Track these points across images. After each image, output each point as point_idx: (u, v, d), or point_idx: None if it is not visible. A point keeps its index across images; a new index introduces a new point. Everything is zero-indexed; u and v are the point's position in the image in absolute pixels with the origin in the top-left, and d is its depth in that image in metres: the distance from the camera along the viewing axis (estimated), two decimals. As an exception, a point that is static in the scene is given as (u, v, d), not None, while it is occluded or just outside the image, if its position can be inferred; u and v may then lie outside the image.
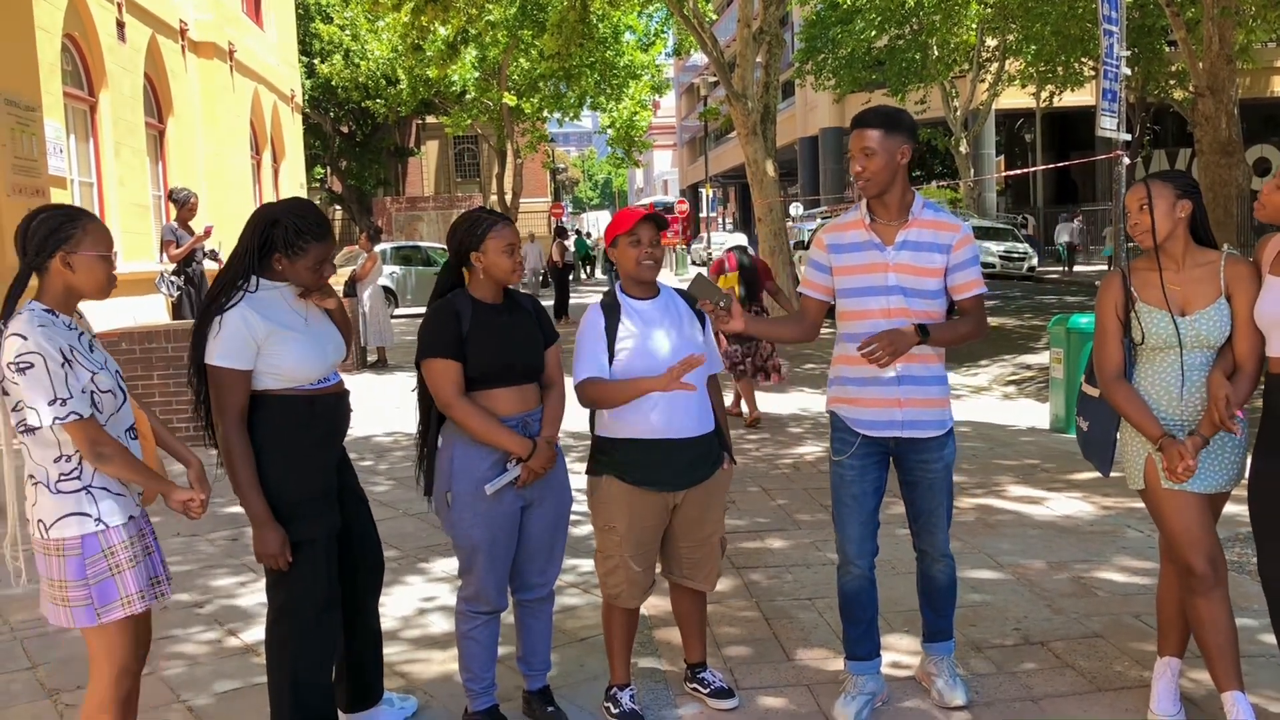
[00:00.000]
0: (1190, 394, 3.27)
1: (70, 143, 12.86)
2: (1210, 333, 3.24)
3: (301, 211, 3.21)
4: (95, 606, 2.80)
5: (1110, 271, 3.62)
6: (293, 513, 3.13)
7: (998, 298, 22.27)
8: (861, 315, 3.46)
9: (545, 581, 3.57)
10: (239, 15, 19.24)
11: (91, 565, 2.79)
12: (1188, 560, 3.26)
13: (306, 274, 3.20)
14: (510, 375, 3.36)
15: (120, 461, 2.80)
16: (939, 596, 3.66)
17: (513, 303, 3.48)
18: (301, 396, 3.18)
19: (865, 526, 3.52)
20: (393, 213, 30.45)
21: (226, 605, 4.84)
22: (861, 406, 3.49)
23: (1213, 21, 12.67)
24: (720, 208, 66.82)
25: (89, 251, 2.82)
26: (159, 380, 8.43)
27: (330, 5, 32.92)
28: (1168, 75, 25.96)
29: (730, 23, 32.55)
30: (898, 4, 27.17)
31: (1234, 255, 3.29)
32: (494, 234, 3.34)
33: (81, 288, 2.84)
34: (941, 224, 3.46)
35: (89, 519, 2.80)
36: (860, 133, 3.39)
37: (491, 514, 3.33)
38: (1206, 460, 3.27)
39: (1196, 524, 3.26)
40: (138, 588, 2.86)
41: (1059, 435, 8.41)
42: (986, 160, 35.12)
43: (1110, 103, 9.96)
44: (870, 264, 3.44)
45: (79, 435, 2.74)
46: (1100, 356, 3.40)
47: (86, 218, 2.85)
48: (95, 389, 2.80)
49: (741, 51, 16.79)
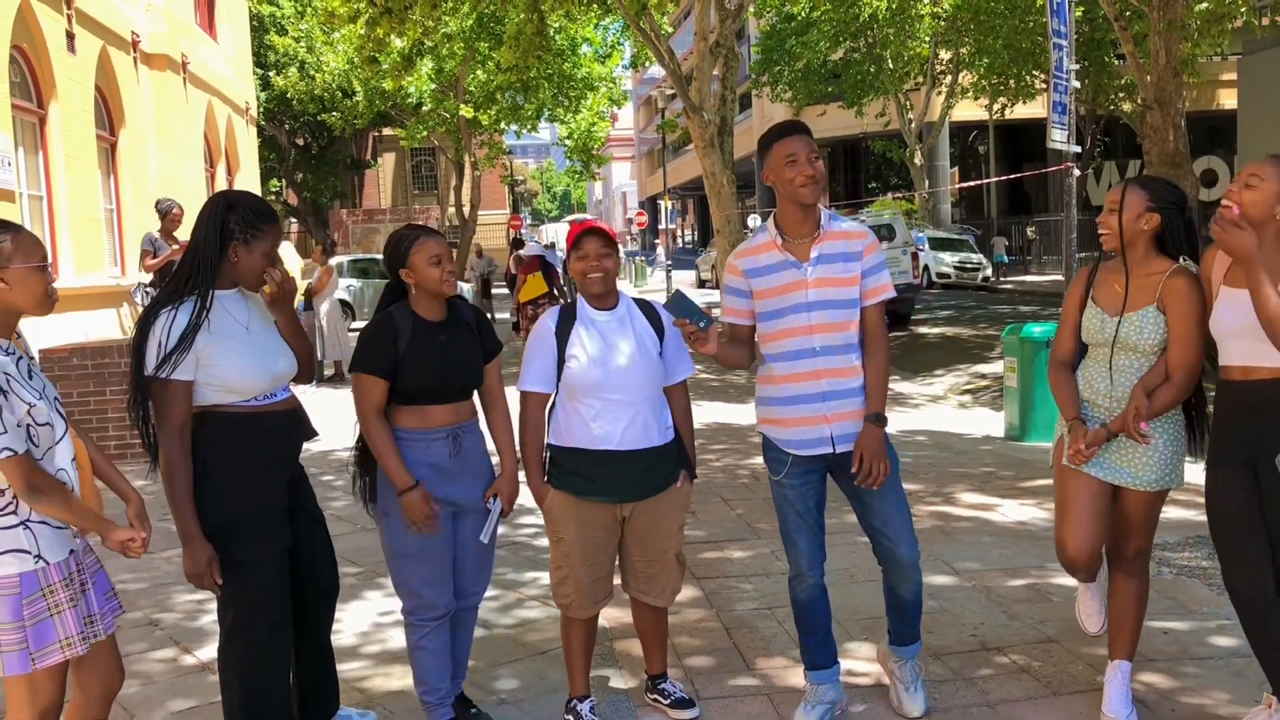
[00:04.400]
0: (1116, 393, 3.42)
1: (19, 156, 12.67)
2: (1130, 336, 3.36)
3: (252, 196, 3.26)
4: (30, 650, 2.61)
5: (1081, 268, 3.77)
6: (239, 532, 3.08)
7: (953, 308, 22.51)
8: (786, 334, 3.42)
9: (475, 590, 3.59)
10: (192, 27, 19.05)
11: (30, 605, 2.60)
12: (1060, 534, 3.49)
13: (260, 260, 3.16)
14: (445, 393, 3.39)
15: (56, 500, 2.62)
16: (906, 609, 3.61)
17: (454, 318, 3.47)
18: (247, 414, 3.13)
19: (813, 538, 3.51)
20: (349, 225, 30.24)
21: (181, 624, 4.77)
22: (790, 426, 3.45)
23: (1159, 35, 12.91)
24: (679, 219, 67.10)
25: (21, 264, 2.64)
26: (112, 396, 8.30)
27: (285, 17, 32.69)
28: (1117, 88, 26.43)
29: (687, 35, 32.72)
30: (852, 17, 27.49)
31: (1180, 268, 3.35)
32: (417, 247, 3.34)
33: (19, 304, 2.66)
34: (849, 233, 3.45)
35: (28, 556, 2.62)
36: (804, 138, 3.38)
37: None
38: (1114, 452, 3.43)
39: (1081, 505, 3.43)
40: (78, 629, 2.69)
41: (1014, 443, 8.52)
42: (941, 172, 35.52)
43: (1060, 115, 10.13)
44: (789, 284, 3.40)
45: (11, 472, 2.55)
46: (1054, 343, 3.66)
47: (13, 229, 2.67)
48: (32, 422, 2.62)
49: (698, 65, 16.88)
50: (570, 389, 3.46)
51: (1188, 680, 3.85)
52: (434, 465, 3.36)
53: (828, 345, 3.39)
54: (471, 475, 3.45)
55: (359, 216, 32.06)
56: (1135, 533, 3.52)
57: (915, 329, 18.66)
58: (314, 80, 31.88)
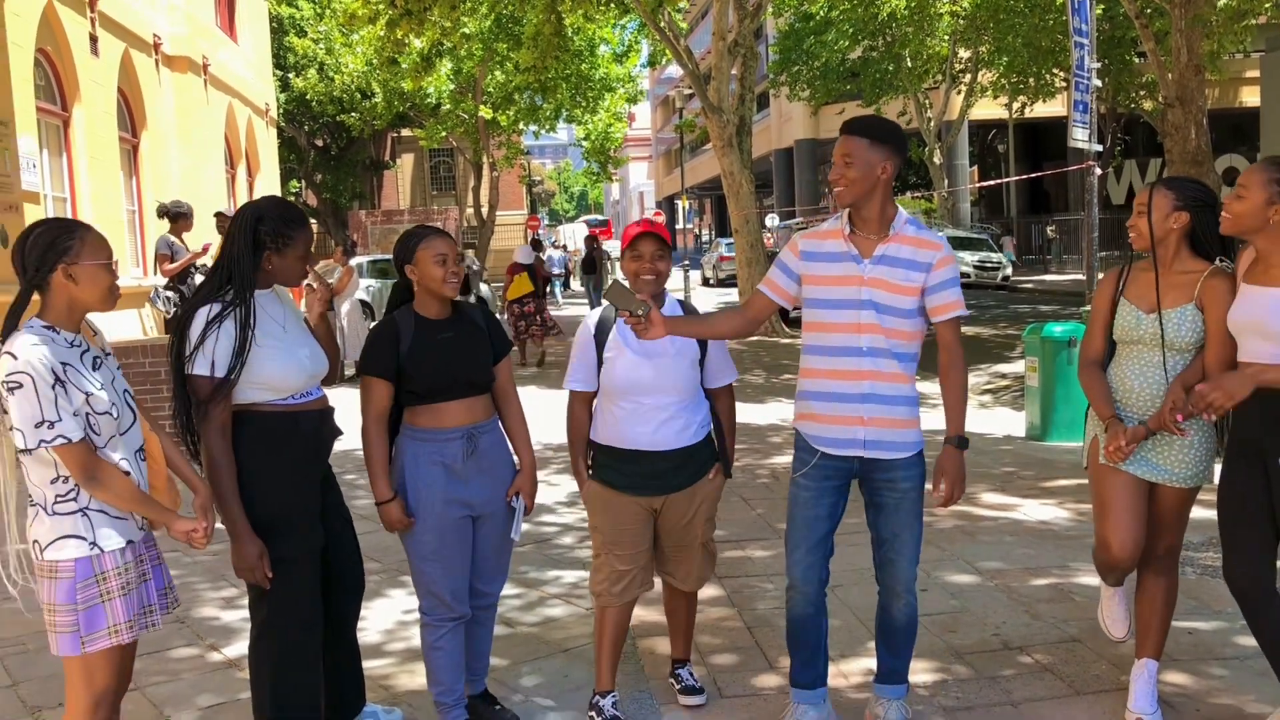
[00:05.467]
0: (1144, 388, 3.42)
1: (43, 158, 12.79)
2: (1169, 332, 3.35)
3: (281, 204, 3.30)
4: (81, 634, 2.72)
5: (1111, 268, 3.76)
6: (274, 530, 3.13)
7: (973, 307, 22.45)
8: (831, 329, 3.33)
9: (492, 590, 3.65)
10: (213, 29, 19.18)
11: (83, 590, 2.71)
12: (1102, 534, 3.48)
13: (297, 264, 3.23)
14: (454, 389, 3.42)
15: (115, 487, 2.72)
16: (897, 635, 3.47)
17: (460, 317, 3.49)
18: (285, 413, 3.19)
19: (813, 552, 3.40)
20: (368, 226, 30.32)
21: (208, 621, 4.82)
22: (823, 423, 3.36)
23: (1181, 33, 12.82)
24: (696, 219, 67.07)
25: (89, 261, 2.75)
26: (138, 395, 8.37)
27: (305, 19, 32.82)
28: (1138, 86, 26.26)
29: (705, 35, 32.69)
30: (871, 15, 27.39)
31: (1218, 269, 3.36)
32: (424, 245, 3.39)
33: (85, 299, 2.77)
34: (923, 242, 3.30)
35: (84, 542, 2.72)
36: (845, 139, 3.26)
37: (442, 525, 3.41)
38: (1150, 449, 3.42)
39: (1120, 503, 3.43)
40: (127, 617, 2.77)
41: (1035, 443, 8.49)
42: (960, 171, 35.37)
43: (1082, 114, 10.09)
44: (844, 276, 3.30)
45: (69, 459, 2.66)
46: (1084, 343, 3.66)
47: (83, 228, 2.80)
48: (90, 410, 2.72)
49: (716, 64, 16.88)
50: (605, 389, 3.57)
51: (1213, 680, 3.84)
52: (447, 466, 3.40)
53: (874, 348, 3.27)
54: (488, 477, 3.48)
55: (378, 217, 32.14)
56: (1167, 530, 3.52)
57: (934, 328, 18.58)
58: (333, 81, 32.00)
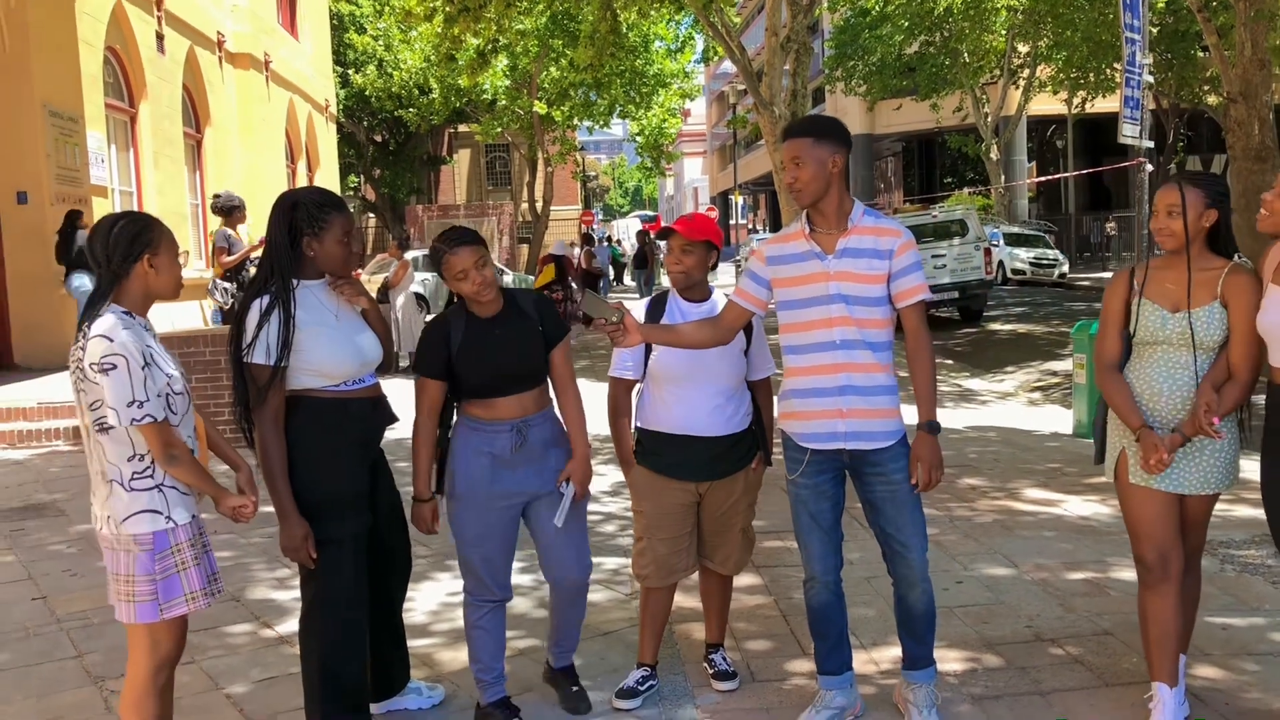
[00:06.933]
0: (1174, 390, 3.34)
1: (111, 152, 13.17)
2: (1197, 331, 3.30)
3: (315, 190, 3.45)
4: (160, 602, 2.92)
5: (1122, 267, 3.74)
6: (322, 512, 3.27)
7: (1028, 304, 22.22)
8: (805, 326, 3.41)
9: (572, 572, 3.66)
10: (275, 27, 19.56)
11: (160, 561, 2.91)
12: (1139, 551, 3.43)
13: (337, 247, 3.33)
14: (506, 385, 3.52)
15: (188, 465, 2.93)
16: (918, 623, 3.51)
17: (510, 311, 3.55)
18: (336, 399, 3.33)
19: (826, 542, 3.49)
20: (425, 220, 30.69)
21: (262, 600, 5.01)
22: (805, 420, 3.44)
23: (1245, 26, 12.59)
24: (750, 214, 66.89)
25: (168, 253, 2.99)
26: (197, 384, 8.64)
27: (364, 16, 33.29)
28: (1201, 80, 25.78)
29: (759, 31, 32.65)
30: (927, 10, 27.20)
31: (1238, 265, 3.34)
32: (444, 265, 3.43)
33: (160, 289, 3.00)
34: (883, 230, 3.38)
35: (160, 516, 2.91)
36: (790, 142, 3.36)
37: (485, 513, 3.53)
38: (1180, 461, 3.35)
39: (1154, 519, 3.37)
40: (201, 585, 2.99)
41: (1081, 440, 8.45)
42: (1018, 166, 34.98)
43: (1133, 110, 9.99)
44: (811, 274, 3.38)
45: (153, 437, 2.86)
46: (1099, 346, 3.53)
47: (158, 223, 3.03)
48: (170, 391, 2.93)
49: (769, 60, 16.89)
50: (654, 375, 3.71)
51: (1244, 676, 3.86)
52: (496, 456, 3.52)
53: (847, 339, 3.35)
54: (536, 466, 3.58)
55: (434, 212, 32.51)
56: (1194, 531, 3.52)
57: (987, 325, 18.47)
58: (391, 78, 32.43)
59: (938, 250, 17.60)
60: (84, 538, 6.08)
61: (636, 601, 4.54)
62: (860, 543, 5.06)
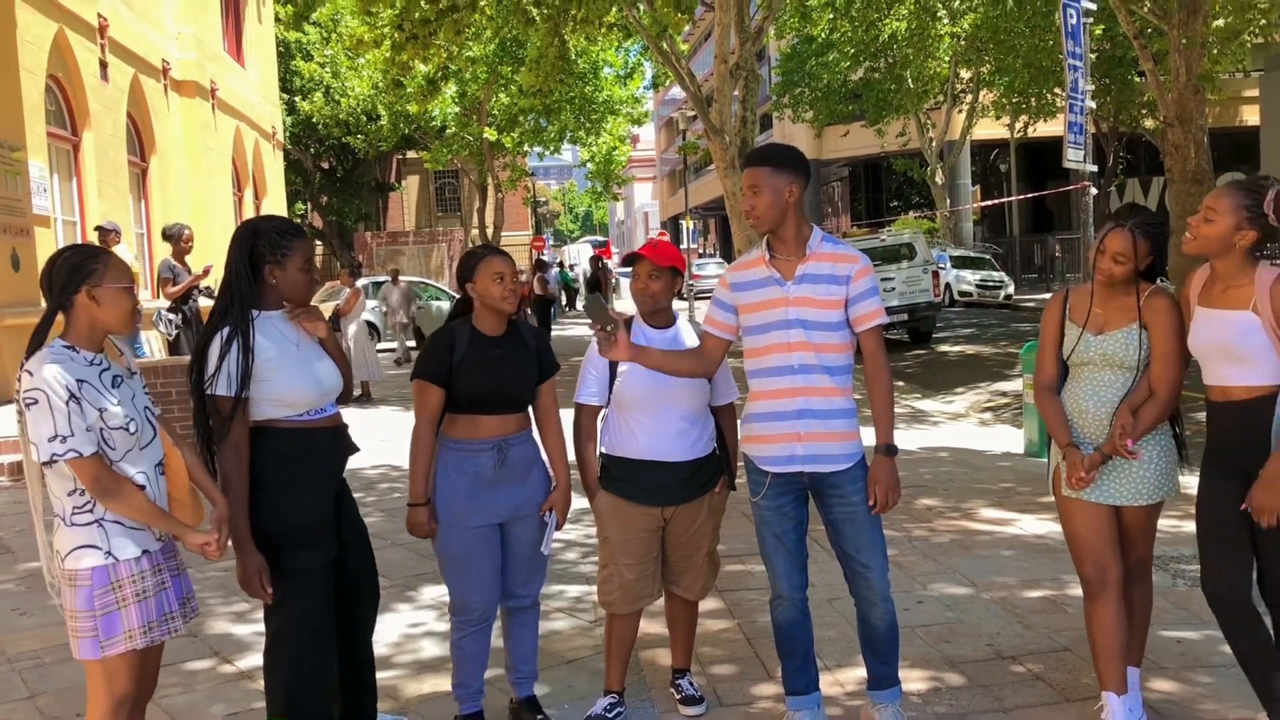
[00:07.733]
0: (1099, 409, 3.48)
1: (54, 182, 12.96)
2: (1116, 353, 3.44)
3: (275, 218, 3.46)
4: (100, 638, 2.85)
5: (1055, 292, 3.85)
6: (288, 543, 3.24)
7: (975, 326, 22.54)
8: (765, 351, 3.47)
9: (529, 593, 3.78)
10: (221, 54, 19.41)
11: (100, 597, 2.85)
12: (1076, 561, 3.57)
13: (299, 275, 3.34)
14: (494, 403, 3.60)
15: (128, 500, 2.85)
16: (881, 643, 3.54)
17: (513, 335, 3.68)
18: (299, 429, 3.31)
19: (791, 561, 3.53)
20: (374, 248, 30.55)
21: (221, 634, 4.93)
22: (764, 443, 3.49)
23: (1179, 53, 12.97)
24: (700, 239, 67.26)
25: (111, 284, 2.90)
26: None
27: (311, 43, 33.16)
28: (1139, 105, 26.43)
29: (707, 56, 32.96)
30: (872, 37, 27.65)
31: (1158, 288, 3.48)
32: (484, 264, 3.59)
33: (106, 320, 2.92)
34: (840, 256, 3.44)
35: (99, 551, 2.85)
36: (749, 171, 3.43)
37: (464, 532, 3.58)
38: (1108, 475, 3.47)
39: (1088, 530, 3.49)
40: (142, 622, 2.90)
41: (1033, 459, 8.59)
42: (962, 190, 35.55)
43: (1077, 135, 10.22)
44: (771, 300, 3.45)
45: (82, 472, 2.80)
46: (1036, 368, 3.70)
47: (105, 254, 2.97)
48: (104, 425, 2.85)
49: (719, 87, 17.05)
50: (619, 401, 3.73)
51: (1199, 688, 3.94)
52: (478, 474, 3.57)
53: (806, 364, 3.41)
54: (517, 485, 3.65)
55: (383, 239, 32.36)
56: (1136, 544, 3.62)
57: (936, 347, 18.71)
58: (339, 105, 32.31)
59: (887, 273, 17.84)
60: (32, 575, 5.94)
61: (601, 629, 4.53)
62: (822, 565, 5.09)
